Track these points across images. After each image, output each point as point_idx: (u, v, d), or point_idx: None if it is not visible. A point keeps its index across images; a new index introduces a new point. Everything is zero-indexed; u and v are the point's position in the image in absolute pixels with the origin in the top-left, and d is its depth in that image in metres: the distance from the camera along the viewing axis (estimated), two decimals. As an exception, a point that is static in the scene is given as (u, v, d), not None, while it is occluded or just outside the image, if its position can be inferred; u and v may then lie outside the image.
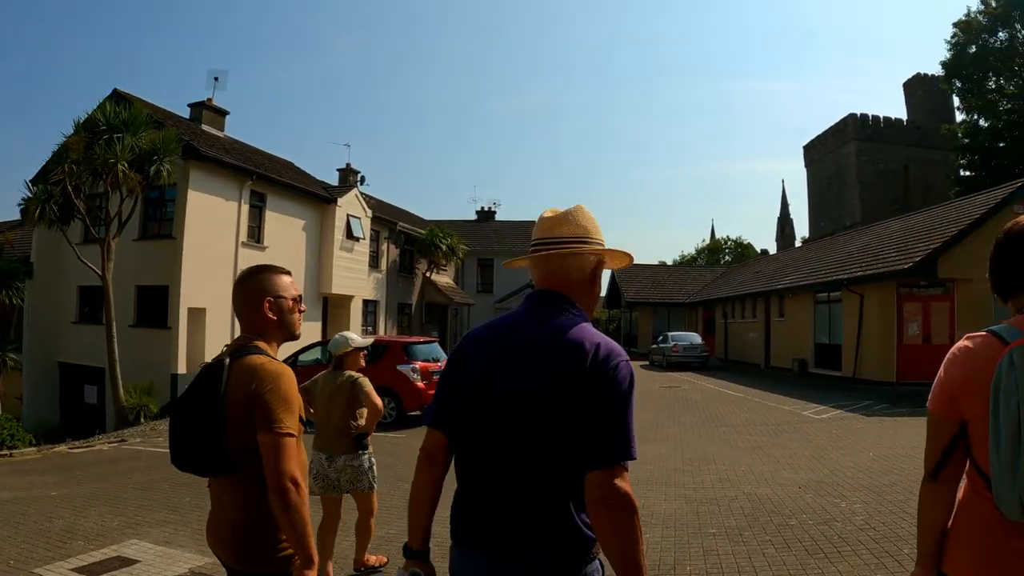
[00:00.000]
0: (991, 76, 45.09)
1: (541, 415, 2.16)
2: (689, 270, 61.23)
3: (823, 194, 65.34)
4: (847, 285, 25.64)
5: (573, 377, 2.13)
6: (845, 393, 22.14)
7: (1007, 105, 44.12)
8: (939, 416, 2.26)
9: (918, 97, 64.35)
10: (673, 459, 12.33)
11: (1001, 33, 43.90)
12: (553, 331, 2.25)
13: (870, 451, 12.61)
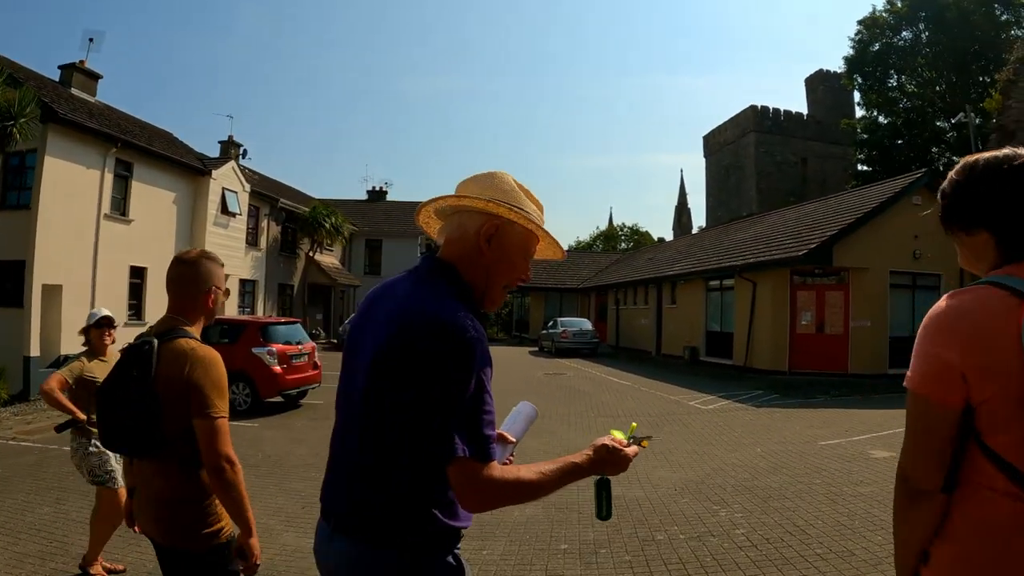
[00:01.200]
0: (892, 74, 45.49)
1: (367, 386, 2.04)
2: (583, 256, 60.25)
3: (721, 184, 65.60)
4: (740, 272, 24.88)
5: (394, 354, 1.98)
6: (736, 382, 21.57)
7: (906, 103, 44.57)
8: (937, 403, 1.78)
9: (819, 92, 65.10)
10: (541, 455, 10.87)
11: (906, 32, 44.20)
12: (398, 300, 2.12)
13: (757, 446, 11.66)
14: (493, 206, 2.16)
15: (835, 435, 12.55)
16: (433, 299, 2.04)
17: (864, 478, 9.13)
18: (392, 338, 1.99)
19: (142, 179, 24.17)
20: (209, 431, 2.77)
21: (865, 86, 46.16)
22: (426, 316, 1.97)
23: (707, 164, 69.52)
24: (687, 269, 30.91)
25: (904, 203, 22.76)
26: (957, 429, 1.76)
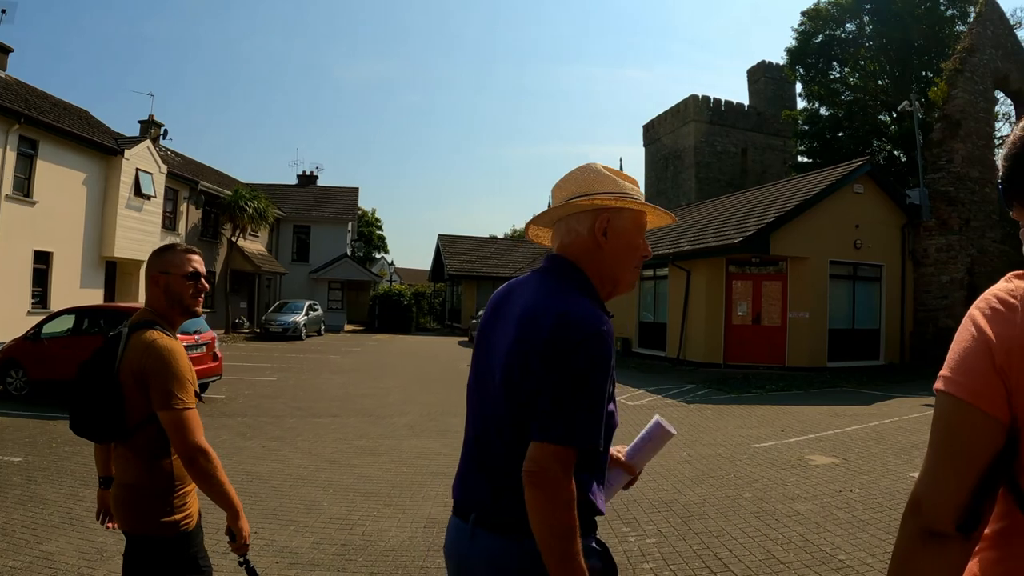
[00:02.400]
0: (835, 66, 44.89)
1: (501, 383, 2.10)
2: (517, 243, 58.92)
3: (660, 173, 64.65)
4: (673, 260, 23.79)
5: (528, 349, 2.02)
6: (668, 376, 20.60)
7: (849, 95, 44.03)
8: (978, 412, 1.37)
9: (761, 84, 64.53)
10: (440, 459, 9.77)
11: (849, 24, 43.53)
12: (528, 298, 2.16)
13: (684, 449, 10.48)
14: (599, 201, 2.20)
15: (769, 436, 11.57)
16: (563, 296, 2.10)
17: (801, 491, 8.03)
18: (525, 334, 2.04)
19: (48, 158, 22.63)
20: (173, 423, 2.77)
21: (807, 77, 45.47)
22: (558, 312, 2.02)
23: (646, 153, 68.63)
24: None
25: (845, 191, 22.07)
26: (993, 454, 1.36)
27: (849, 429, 12.08)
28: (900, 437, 11.30)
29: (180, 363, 2.86)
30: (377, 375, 20.32)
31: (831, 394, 16.74)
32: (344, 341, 35.78)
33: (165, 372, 2.79)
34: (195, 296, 3.11)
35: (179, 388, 2.80)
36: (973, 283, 22.40)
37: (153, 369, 2.79)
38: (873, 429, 12.07)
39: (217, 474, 2.80)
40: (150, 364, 2.79)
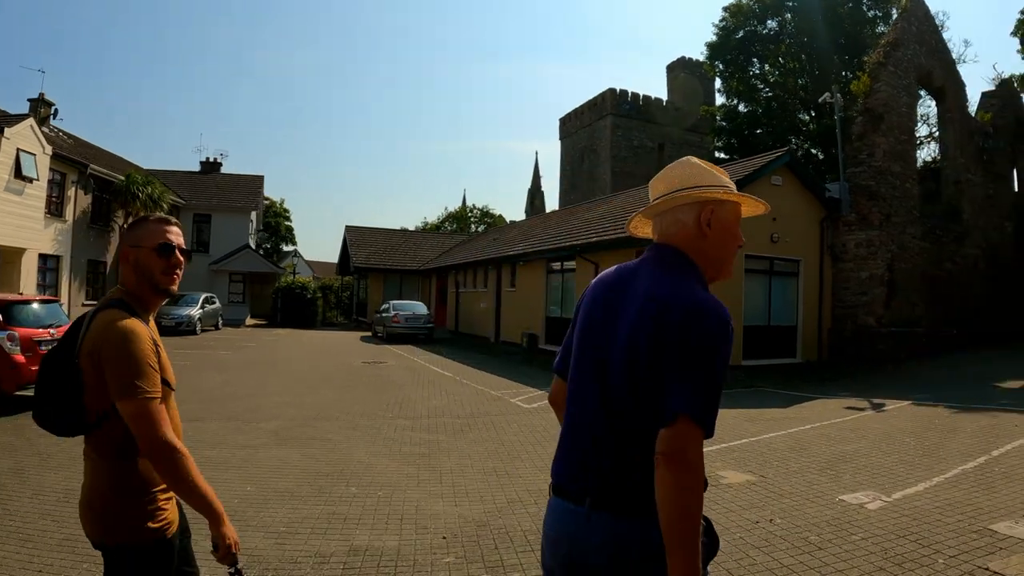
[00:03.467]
0: (755, 62, 44.53)
1: (623, 370, 2.13)
2: (427, 236, 57.60)
3: (576, 167, 64.22)
4: (580, 252, 22.54)
5: (661, 335, 2.07)
6: None
7: (768, 92, 43.74)
8: None
9: (680, 79, 64.22)
10: (294, 474, 8.26)
11: (771, 21, 43.27)
12: (648, 284, 2.22)
13: None
14: (709, 193, 2.31)
15: None
16: (685, 284, 2.17)
17: (711, 517, 6.46)
18: (653, 321, 2.08)
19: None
20: (132, 415, 2.44)
21: (726, 73, 45.03)
22: (689, 301, 2.09)
23: (562, 147, 68.14)
24: (527, 249, 28.50)
25: (763, 183, 20.91)
26: None
27: (766, 437, 10.80)
28: (824, 447, 10.03)
29: (139, 347, 2.52)
30: (263, 373, 18.63)
31: (746, 395, 15.64)
32: (241, 336, 33.69)
33: (121, 357, 2.48)
34: (167, 272, 2.79)
35: (138, 375, 2.47)
36: (893, 279, 21.84)
37: (108, 354, 2.49)
38: (793, 437, 10.80)
39: (189, 474, 2.48)
40: (105, 348, 2.50)
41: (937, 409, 13.24)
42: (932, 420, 12.09)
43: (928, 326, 23.01)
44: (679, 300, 2.07)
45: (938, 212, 25.19)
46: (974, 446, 9.77)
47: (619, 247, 20.64)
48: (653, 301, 2.10)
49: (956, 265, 25.35)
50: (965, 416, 12.33)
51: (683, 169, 2.39)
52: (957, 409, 13.02)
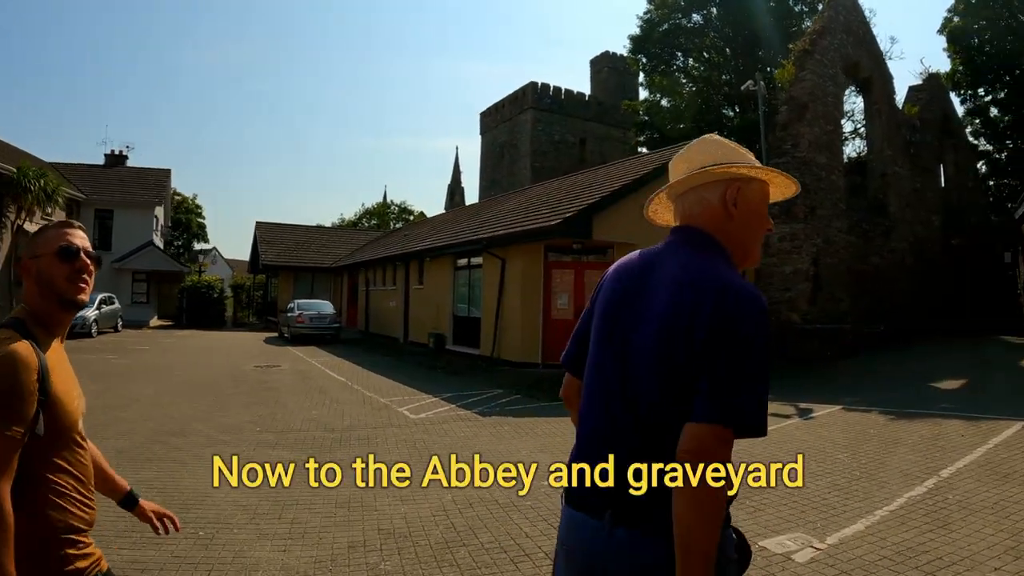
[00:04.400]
0: (679, 55, 44.17)
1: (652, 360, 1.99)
2: (342, 233, 55.89)
3: (495, 163, 63.17)
4: (487, 247, 20.94)
5: (694, 323, 1.92)
6: (477, 379, 17.83)
7: (691, 87, 43.24)
8: None
9: (604, 74, 63.76)
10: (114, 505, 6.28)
11: (696, 15, 42.80)
12: (678, 270, 2.06)
13: (450, 491, 7.38)
14: (734, 169, 2.16)
15: None
16: (715, 268, 2.03)
17: None
18: (684, 308, 1.95)
19: None
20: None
21: (649, 67, 44.63)
22: (721, 286, 1.95)
23: (482, 142, 66.97)
24: (433, 244, 26.89)
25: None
26: None
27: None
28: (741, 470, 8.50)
29: (11, 377, 2.10)
30: (142, 380, 16.67)
31: None
32: (139, 338, 31.32)
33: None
34: (73, 279, 2.35)
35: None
36: (818, 274, 21.12)
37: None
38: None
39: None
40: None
41: (871, 415, 12.11)
42: (867, 429, 10.87)
43: (855, 322, 22.28)
44: (713, 284, 1.94)
45: (864, 206, 24.49)
46: (919, 463, 8.42)
47: (527, 240, 19.20)
48: (685, 287, 1.98)
49: (883, 260, 24.80)
50: (903, 424, 11.23)
51: (705, 146, 2.22)
52: (894, 415, 11.94)
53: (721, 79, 41.04)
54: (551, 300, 19.60)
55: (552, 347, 19.20)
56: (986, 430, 10.43)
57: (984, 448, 9.19)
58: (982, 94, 44.46)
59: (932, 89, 32.25)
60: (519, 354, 19.46)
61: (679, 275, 2.00)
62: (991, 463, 8.34)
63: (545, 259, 19.60)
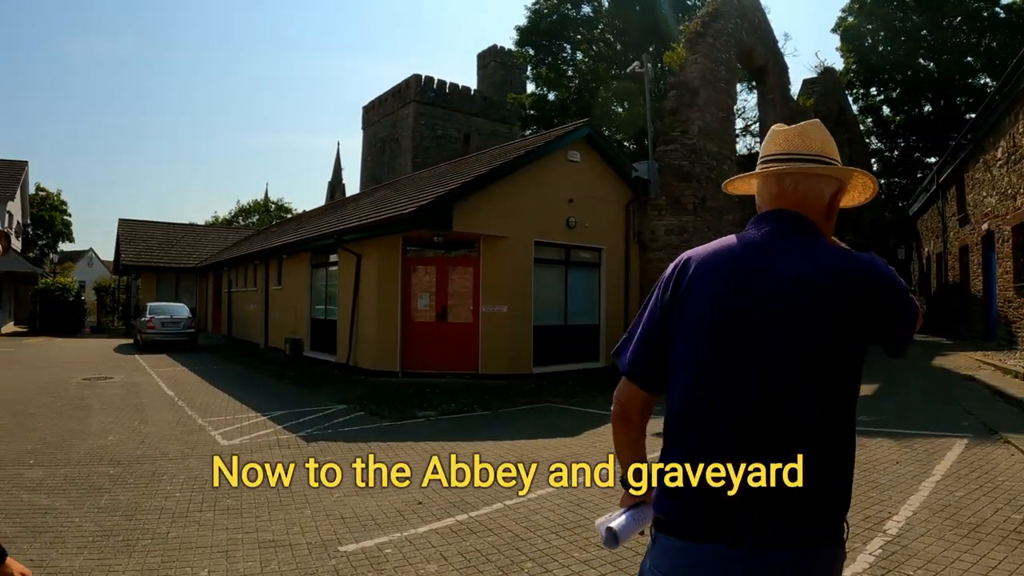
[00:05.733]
0: (567, 48, 43.09)
1: (827, 352, 1.90)
2: (213, 231, 52.64)
3: (377, 159, 61.46)
4: (342, 241, 18.70)
5: (865, 305, 1.92)
6: (325, 390, 15.54)
7: (579, 80, 42.11)
8: None
9: (490, 68, 62.76)
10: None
11: (586, 6, 42.01)
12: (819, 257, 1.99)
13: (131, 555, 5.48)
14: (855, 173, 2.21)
15: (395, 514, 6.69)
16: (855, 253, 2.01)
17: None
18: (856, 300, 1.91)
19: None
20: None
21: (536, 60, 43.48)
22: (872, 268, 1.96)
23: (364, 137, 65.15)
24: (288, 241, 24.71)
25: (557, 159, 18.03)
26: None
27: (537, 497, 7.20)
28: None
29: None
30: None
31: (531, 415, 12.59)
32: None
33: None
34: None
35: None
36: None
37: None
38: (566, 500, 7.19)
39: None
40: None
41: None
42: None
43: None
44: (867, 267, 1.95)
45: (761, 201, 23.04)
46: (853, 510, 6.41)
47: (383, 232, 17.18)
48: (844, 274, 1.92)
49: (779, 255, 23.14)
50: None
51: (822, 133, 2.18)
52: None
53: (610, 73, 39.68)
54: (411, 300, 17.51)
55: (412, 354, 17.21)
56: (923, 453, 8.64)
57: (931, 482, 7.30)
58: (874, 93, 45.13)
59: (827, 83, 31.75)
60: (376, 361, 17.33)
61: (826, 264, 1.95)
62: (948, 506, 6.40)
63: (404, 254, 17.51)
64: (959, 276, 26.06)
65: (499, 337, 16.95)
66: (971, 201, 23.29)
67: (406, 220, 15.79)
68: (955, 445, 8.96)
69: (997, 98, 18.80)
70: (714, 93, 21.15)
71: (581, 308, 18.90)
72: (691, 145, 19.91)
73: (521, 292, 17.09)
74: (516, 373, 16.58)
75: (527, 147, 18.18)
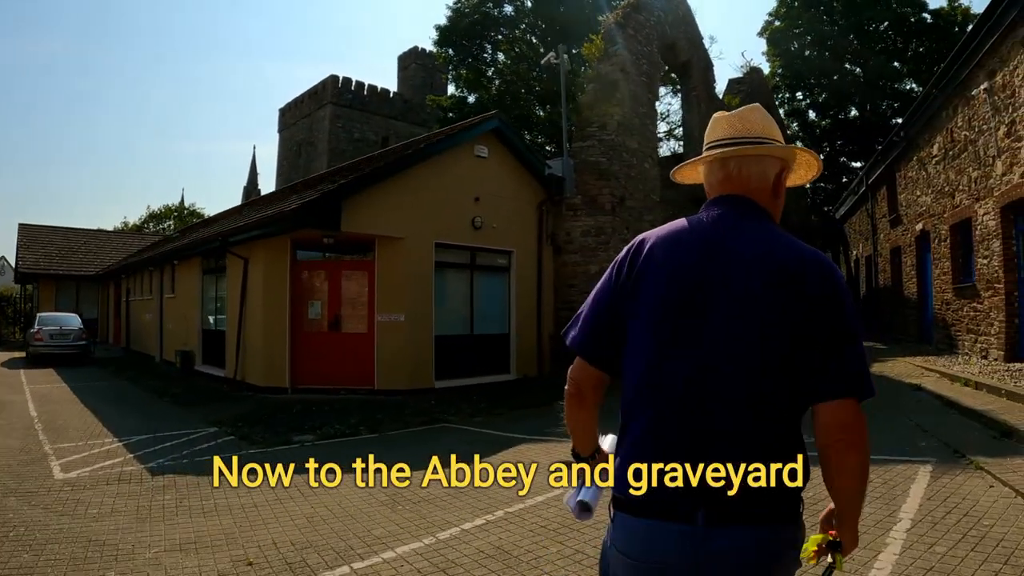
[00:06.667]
0: (488, 48, 42.18)
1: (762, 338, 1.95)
2: (119, 237, 50.16)
3: (293, 162, 59.93)
4: (227, 244, 16.96)
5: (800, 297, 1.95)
6: (203, 409, 13.87)
7: (500, 82, 41.46)
8: None
9: (411, 70, 62.04)
10: None
11: (508, 6, 41.24)
12: (764, 242, 2.04)
13: None
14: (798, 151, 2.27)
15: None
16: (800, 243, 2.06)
17: None
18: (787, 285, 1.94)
19: None
20: None
21: (456, 60, 42.45)
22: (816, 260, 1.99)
23: (280, 140, 63.69)
24: (177, 245, 23.44)
25: (462, 154, 16.76)
26: None
27: (395, 558, 5.76)
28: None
29: None
30: None
31: (422, 438, 11.06)
32: None
33: None
34: None
35: None
36: None
37: None
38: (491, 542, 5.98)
39: None
40: None
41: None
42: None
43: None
44: (810, 258, 1.99)
45: (682, 199, 21.92)
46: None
47: (269, 233, 15.63)
48: (785, 261, 1.97)
49: (702, 257, 22.29)
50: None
51: (764, 117, 2.22)
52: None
53: (532, 74, 39.10)
54: (301, 309, 15.94)
55: (303, 367, 15.70)
56: (882, 486, 7.04)
57: (900, 530, 5.70)
58: (800, 98, 45.25)
59: (754, 82, 31.06)
60: (264, 376, 15.69)
61: (770, 250, 1.99)
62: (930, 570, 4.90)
63: (293, 258, 15.93)
64: (890, 278, 25.52)
65: (397, 349, 15.49)
66: (904, 201, 22.72)
67: (288, 218, 14.29)
68: (919, 474, 7.55)
69: (934, 91, 17.91)
70: (634, 87, 20.05)
71: (489, 316, 17.63)
72: (609, 141, 18.77)
73: (421, 299, 15.71)
74: (416, 388, 15.18)
75: (423, 142, 16.94)
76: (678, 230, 2.13)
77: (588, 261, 18.25)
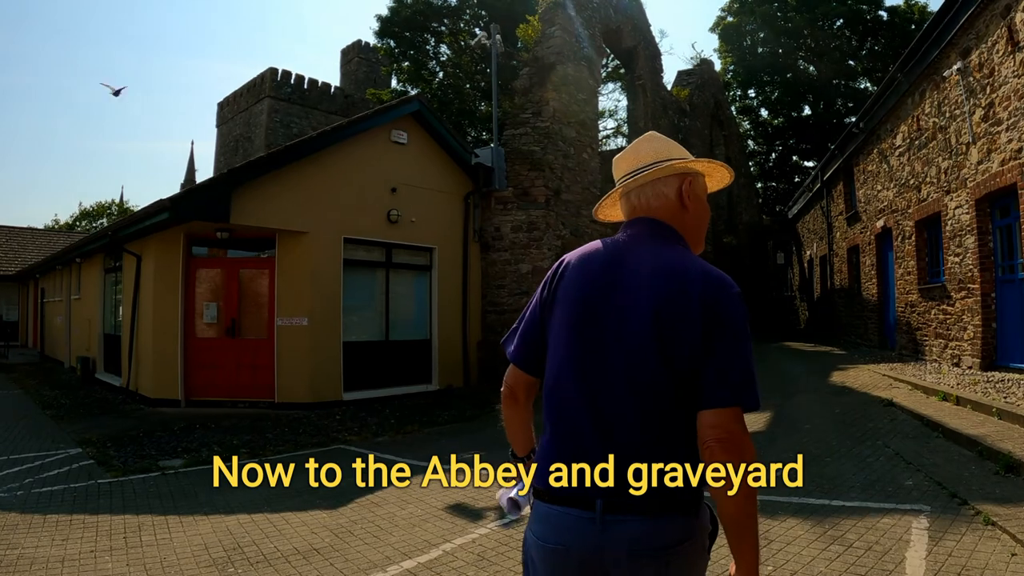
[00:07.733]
0: (431, 40, 40.91)
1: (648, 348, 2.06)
2: (40, 235, 47.79)
3: (230, 158, 57.10)
4: (117, 239, 15.26)
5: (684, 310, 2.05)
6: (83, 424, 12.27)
7: (440, 74, 40.62)
8: None
9: (354, 64, 60.96)
10: None
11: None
12: (657, 259, 2.18)
13: None
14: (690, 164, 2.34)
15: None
16: (691, 257, 2.17)
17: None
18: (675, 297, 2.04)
19: None
20: None
21: (398, 52, 41.04)
22: (704, 272, 2.08)
23: (218, 135, 61.67)
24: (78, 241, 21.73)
25: (379, 139, 15.28)
26: None
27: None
28: None
29: None
30: None
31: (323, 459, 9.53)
32: None
33: None
34: None
35: None
36: None
37: None
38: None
39: None
40: None
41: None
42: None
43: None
44: (697, 273, 2.07)
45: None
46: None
47: (156, 225, 13.57)
48: (671, 277, 2.08)
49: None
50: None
51: (654, 143, 2.38)
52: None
53: (475, 68, 37.85)
54: (195, 311, 14.32)
55: (197, 378, 14.14)
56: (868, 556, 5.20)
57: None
58: (752, 95, 44.93)
59: (704, 74, 30.35)
60: (155, 387, 14.09)
61: (660, 266, 2.11)
62: None
63: (187, 255, 14.27)
64: (847, 279, 24.42)
65: (299, 357, 13.89)
66: (862, 197, 21.57)
67: (167, 208, 12.44)
68: (913, 534, 5.69)
69: (899, 76, 16.56)
70: (574, 72, 18.80)
71: (408, 320, 16.16)
72: (544, 129, 17.45)
73: (327, 301, 14.12)
74: (322, 401, 13.69)
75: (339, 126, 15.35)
76: (592, 251, 2.28)
77: (519, 259, 17.01)
